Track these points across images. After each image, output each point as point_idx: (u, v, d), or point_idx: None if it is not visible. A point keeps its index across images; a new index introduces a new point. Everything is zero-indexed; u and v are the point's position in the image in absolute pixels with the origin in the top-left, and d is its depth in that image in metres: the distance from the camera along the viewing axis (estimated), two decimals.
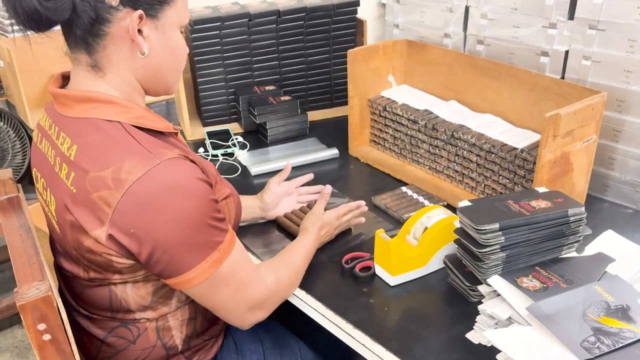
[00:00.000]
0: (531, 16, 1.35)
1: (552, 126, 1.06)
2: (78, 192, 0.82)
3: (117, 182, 0.79)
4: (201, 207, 0.83)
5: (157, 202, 0.79)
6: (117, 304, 0.92)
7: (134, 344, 0.95)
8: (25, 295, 0.75)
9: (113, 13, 0.82)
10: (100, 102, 0.86)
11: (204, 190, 0.84)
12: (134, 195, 0.79)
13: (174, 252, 0.82)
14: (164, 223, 0.80)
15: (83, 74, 0.88)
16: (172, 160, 0.82)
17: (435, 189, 1.37)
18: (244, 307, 0.93)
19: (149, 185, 0.79)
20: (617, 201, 1.31)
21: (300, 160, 1.53)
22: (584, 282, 0.92)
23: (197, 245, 0.83)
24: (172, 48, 0.90)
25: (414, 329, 0.96)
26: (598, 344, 0.81)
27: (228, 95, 1.74)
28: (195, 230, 0.82)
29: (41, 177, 0.93)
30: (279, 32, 1.69)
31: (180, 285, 0.86)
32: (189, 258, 0.83)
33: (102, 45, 0.85)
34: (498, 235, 0.93)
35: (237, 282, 0.90)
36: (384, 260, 1.05)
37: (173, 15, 0.88)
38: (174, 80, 0.95)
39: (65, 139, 0.87)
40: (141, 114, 0.88)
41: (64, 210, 0.85)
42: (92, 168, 0.81)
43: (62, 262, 0.95)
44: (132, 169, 0.79)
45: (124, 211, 0.79)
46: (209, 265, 0.85)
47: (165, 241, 0.81)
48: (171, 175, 0.81)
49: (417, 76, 1.56)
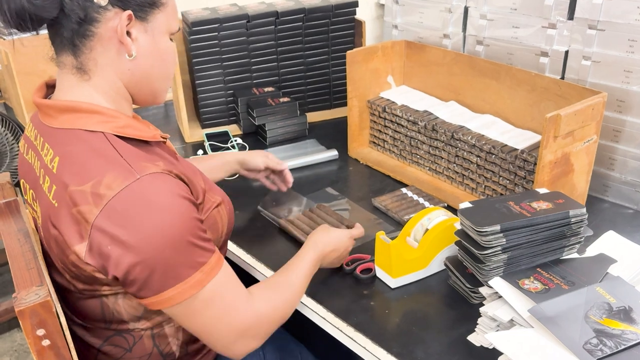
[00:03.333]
0: (530, 16, 1.35)
1: (553, 127, 1.06)
2: (59, 207, 0.80)
3: (96, 197, 0.77)
4: (182, 225, 0.79)
5: (135, 218, 0.76)
6: (110, 315, 0.90)
7: (130, 352, 0.94)
8: (24, 300, 0.74)
9: (102, 13, 0.81)
10: (84, 111, 0.83)
11: (185, 208, 0.80)
12: (111, 211, 0.76)
13: (151, 271, 0.78)
14: (141, 240, 0.77)
15: (68, 78, 0.86)
16: (153, 175, 0.79)
17: (435, 190, 1.37)
18: (232, 335, 0.86)
19: (127, 200, 0.76)
20: (618, 202, 1.30)
21: (299, 161, 1.53)
22: (586, 284, 0.91)
23: (177, 265, 0.79)
24: (160, 53, 0.88)
25: (415, 332, 0.95)
26: (600, 346, 0.80)
27: (227, 97, 1.73)
28: (175, 249, 0.79)
29: (30, 189, 0.91)
30: (278, 33, 1.69)
31: (157, 305, 0.82)
32: (167, 278, 0.79)
33: (89, 46, 0.83)
34: (499, 236, 0.92)
35: (222, 307, 0.84)
36: (385, 262, 1.05)
37: (163, 20, 0.87)
38: (162, 88, 0.93)
39: (49, 150, 0.85)
40: (126, 122, 0.85)
41: (48, 224, 0.83)
42: (72, 181, 0.79)
43: (54, 274, 0.93)
44: (111, 183, 0.77)
45: (101, 228, 0.77)
46: (189, 286, 0.80)
47: (143, 259, 0.77)
48: (151, 191, 0.78)
49: (417, 77, 1.56)
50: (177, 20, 0.91)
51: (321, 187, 1.42)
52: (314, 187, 1.42)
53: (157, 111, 2.00)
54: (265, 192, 1.39)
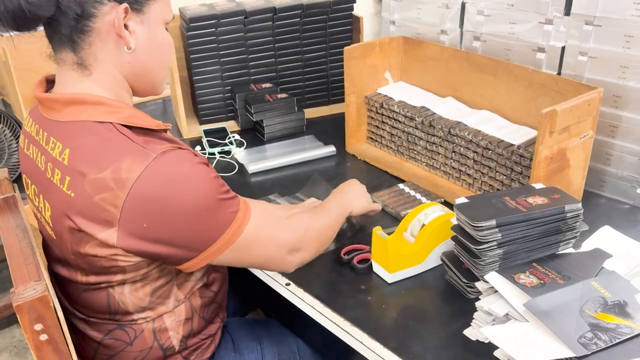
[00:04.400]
0: (527, 12, 1.35)
1: (549, 122, 1.06)
2: (77, 197, 0.81)
3: (119, 182, 0.79)
4: (207, 189, 0.84)
5: (163, 195, 0.80)
6: (115, 306, 0.91)
7: (130, 345, 0.95)
8: (22, 295, 0.74)
9: (98, 7, 0.82)
10: (89, 103, 0.85)
11: (205, 172, 0.84)
12: (139, 193, 0.79)
13: (192, 235, 0.83)
14: (176, 213, 0.81)
15: (69, 74, 0.87)
16: (166, 152, 0.82)
17: (432, 185, 1.37)
18: (282, 253, 0.95)
19: (151, 180, 0.79)
20: (614, 197, 1.31)
21: (297, 158, 1.53)
22: (581, 278, 0.92)
23: (215, 222, 0.85)
24: (158, 43, 0.90)
25: (412, 326, 0.96)
26: (595, 339, 0.81)
27: (224, 93, 1.73)
28: (208, 210, 0.83)
29: (32, 184, 0.92)
30: (275, 29, 1.69)
31: (205, 260, 0.87)
32: (209, 236, 0.85)
33: (87, 42, 0.84)
34: (495, 232, 0.93)
35: (265, 237, 0.92)
36: (382, 257, 1.05)
37: (158, 10, 0.88)
38: (161, 78, 0.95)
39: (55, 143, 0.85)
40: (131, 113, 0.87)
41: (62, 217, 0.83)
42: (90, 170, 0.80)
43: (58, 268, 0.93)
44: (130, 166, 0.79)
45: (132, 210, 0.79)
46: (231, 233, 0.87)
47: (182, 228, 0.82)
48: (169, 166, 0.81)
49: (414, 73, 1.56)
50: (171, 10, 0.92)
51: None
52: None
53: (155, 107, 2.00)
54: (267, 189, 1.39)
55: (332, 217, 1.06)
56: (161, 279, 0.92)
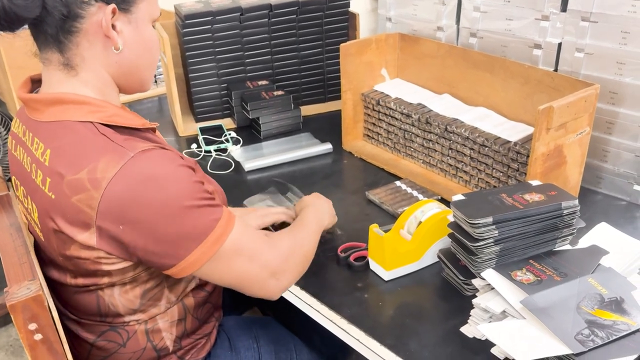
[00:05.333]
0: (524, 8, 1.35)
1: (545, 119, 1.06)
2: (57, 198, 0.80)
3: (94, 182, 0.77)
4: (185, 191, 0.80)
5: (138, 196, 0.77)
6: (106, 308, 0.90)
7: (124, 347, 0.94)
8: (16, 295, 0.74)
9: (85, 8, 0.80)
10: (72, 103, 0.83)
11: (184, 174, 0.81)
12: (113, 193, 0.77)
13: (170, 240, 0.80)
14: (151, 215, 0.78)
15: (55, 74, 0.85)
16: (145, 151, 0.79)
17: (429, 183, 1.37)
18: (265, 275, 0.89)
19: (126, 180, 0.77)
20: (611, 193, 1.31)
21: (293, 155, 1.52)
22: (578, 275, 0.92)
23: (194, 228, 0.81)
24: (145, 42, 0.88)
25: (409, 324, 0.96)
26: (592, 336, 0.81)
27: (220, 91, 1.73)
28: (187, 214, 0.80)
29: (20, 185, 0.91)
30: (271, 26, 1.68)
31: (186, 270, 0.83)
32: (188, 242, 0.81)
33: (74, 42, 0.82)
34: (492, 228, 0.92)
35: (248, 251, 0.87)
36: (378, 255, 1.05)
37: (146, 8, 0.87)
38: (148, 75, 0.93)
39: (39, 144, 0.84)
40: (114, 112, 0.85)
41: (46, 218, 0.82)
42: (68, 171, 0.79)
43: (49, 270, 0.93)
44: (106, 166, 0.77)
45: (107, 211, 0.77)
46: (211, 243, 0.82)
47: (158, 232, 0.79)
48: (147, 166, 0.78)
49: (410, 70, 1.56)
50: (158, 6, 0.91)
51: (316, 180, 1.42)
52: (308, 181, 1.42)
53: (151, 105, 1.99)
54: (263, 187, 1.38)
55: (313, 237, 1.02)
56: (151, 281, 0.90)
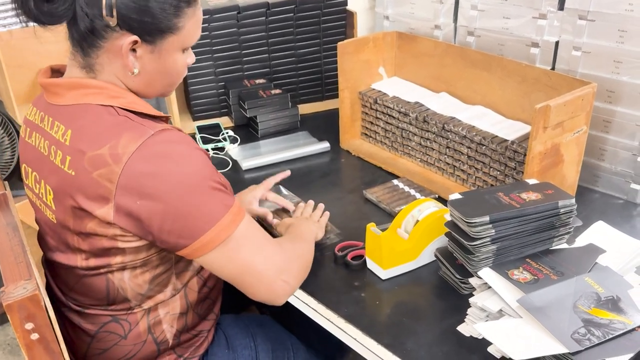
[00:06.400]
0: (521, 7, 1.35)
1: (542, 118, 1.06)
2: (77, 174, 0.82)
3: (115, 157, 0.80)
4: (203, 171, 0.83)
5: (157, 170, 0.80)
6: (114, 292, 0.92)
7: (125, 339, 0.95)
8: (12, 294, 0.74)
9: (109, 31, 0.83)
10: (93, 87, 0.87)
11: (201, 156, 0.85)
12: (133, 168, 0.80)
13: (184, 219, 0.82)
14: (169, 191, 0.81)
15: (76, 71, 0.89)
16: (165, 130, 0.83)
17: (426, 181, 1.37)
18: (272, 272, 0.88)
19: (146, 155, 0.80)
20: (608, 192, 1.31)
21: (291, 154, 1.52)
22: (575, 274, 0.92)
23: (208, 209, 0.83)
24: (166, 69, 0.90)
25: (406, 322, 0.96)
26: (588, 335, 0.81)
27: (218, 89, 1.72)
28: (202, 194, 0.83)
29: (32, 171, 0.93)
30: (269, 24, 1.68)
31: (197, 252, 0.84)
32: (202, 222, 0.83)
33: (96, 54, 0.86)
34: (488, 227, 0.93)
35: (256, 244, 0.88)
36: (375, 253, 1.05)
37: (175, 41, 0.88)
38: (167, 91, 0.96)
39: (59, 126, 0.87)
40: (133, 99, 0.89)
41: (64, 196, 0.85)
42: (89, 148, 0.82)
43: (56, 256, 0.94)
44: (127, 143, 0.80)
45: (126, 185, 0.80)
46: (224, 226, 0.84)
47: (174, 208, 0.81)
48: (167, 143, 0.82)
49: (408, 68, 1.56)
50: (197, 33, 0.91)
51: (313, 179, 1.42)
52: (306, 180, 1.42)
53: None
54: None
55: (310, 247, 1.04)
56: (161, 267, 0.92)
